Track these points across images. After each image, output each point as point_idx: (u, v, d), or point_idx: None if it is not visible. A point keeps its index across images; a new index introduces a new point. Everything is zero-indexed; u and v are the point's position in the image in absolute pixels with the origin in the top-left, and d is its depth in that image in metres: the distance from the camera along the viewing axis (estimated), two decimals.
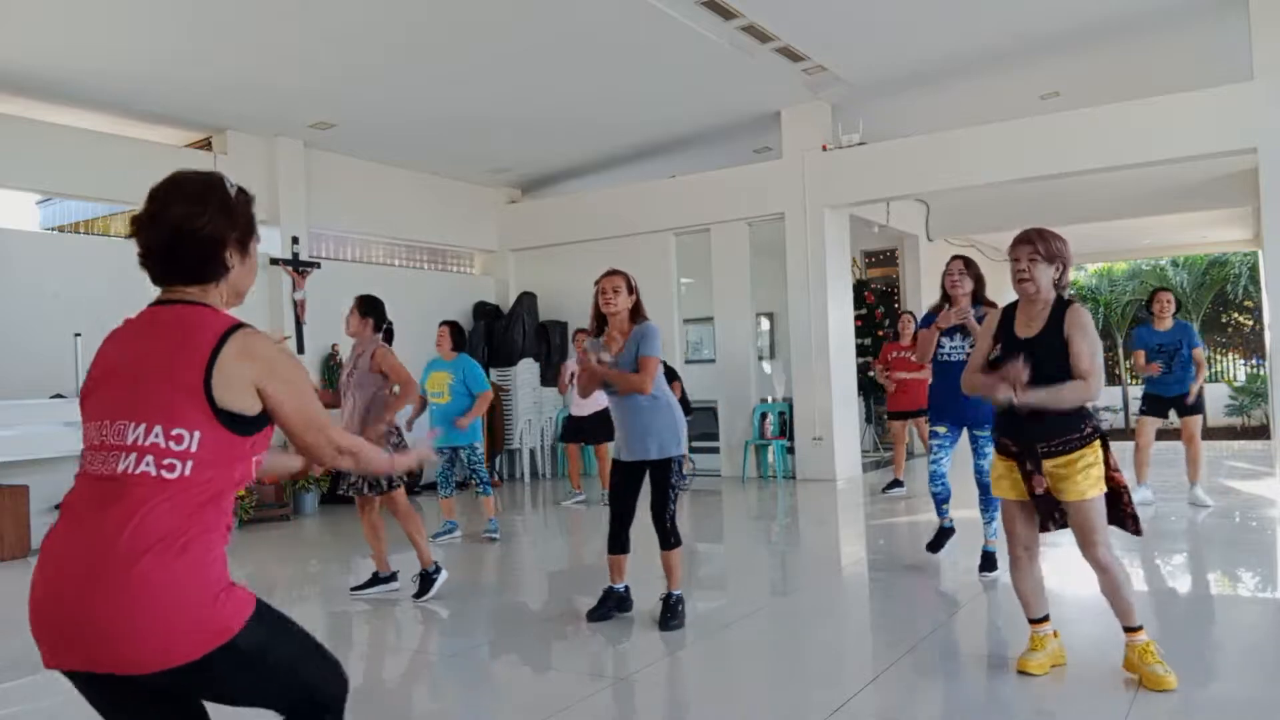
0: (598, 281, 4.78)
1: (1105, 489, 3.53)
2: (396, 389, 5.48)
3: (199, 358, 1.75)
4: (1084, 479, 3.48)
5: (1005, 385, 3.46)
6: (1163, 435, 7.99)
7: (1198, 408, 7.47)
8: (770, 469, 10.85)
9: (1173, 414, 7.61)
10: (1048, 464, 3.52)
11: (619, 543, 4.79)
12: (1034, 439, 3.52)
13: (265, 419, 1.84)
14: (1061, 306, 3.57)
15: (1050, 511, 3.60)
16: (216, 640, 1.72)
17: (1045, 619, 3.75)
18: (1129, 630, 3.60)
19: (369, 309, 5.59)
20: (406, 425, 6.94)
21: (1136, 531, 3.64)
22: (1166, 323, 7.45)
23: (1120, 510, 3.59)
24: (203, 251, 1.84)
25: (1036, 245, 3.54)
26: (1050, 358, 3.48)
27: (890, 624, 4.94)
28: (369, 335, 5.57)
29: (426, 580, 5.56)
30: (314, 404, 1.89)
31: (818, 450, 10.42)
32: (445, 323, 7.61)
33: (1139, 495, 7.40)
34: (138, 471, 1.71)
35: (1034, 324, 3.57)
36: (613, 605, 4.85)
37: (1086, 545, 3.54)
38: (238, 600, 1.78)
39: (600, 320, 4.80)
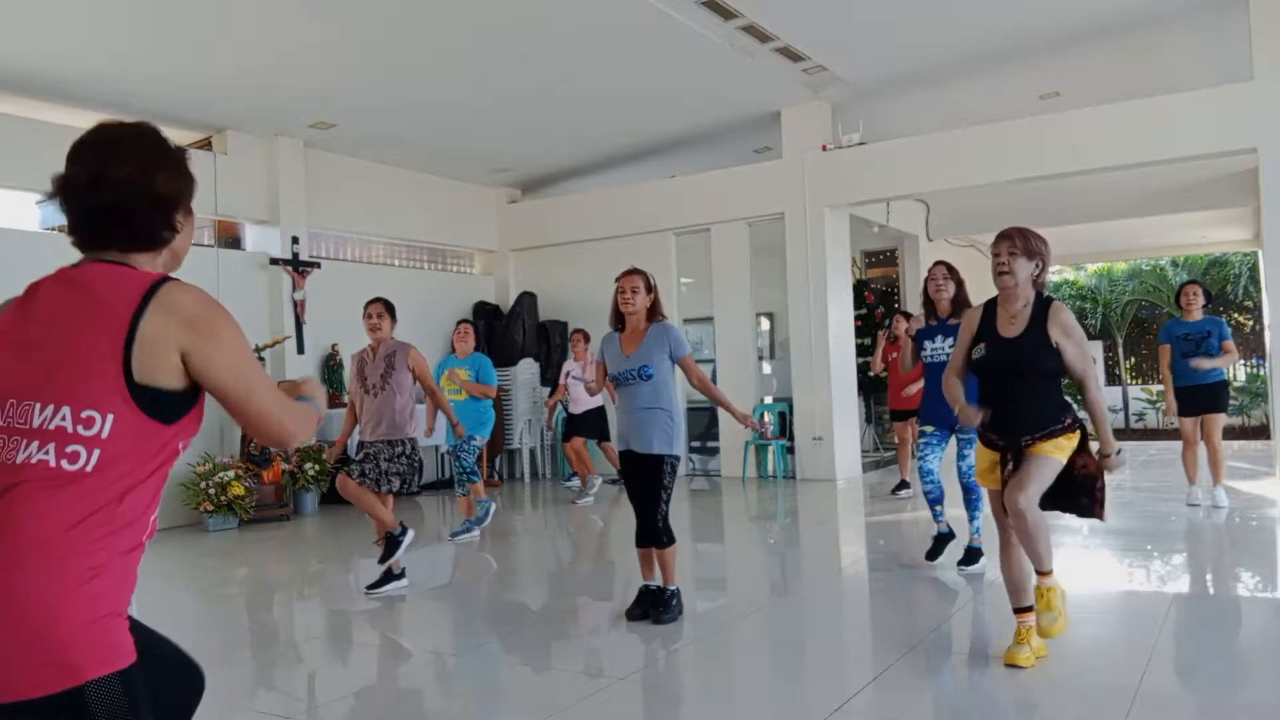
0: (617, 280, 4.81)
1: (1064, 459, 3.66)
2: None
3: (118, 322, 1.47)
4: (1050, 446, 3.64)
5: (975, 415, 3.72)
6: (1170, 435, 7.98)
7: (1220, 406, 7.37)
8: (770, 469, 10.85)
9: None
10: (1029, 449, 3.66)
11: (644, 536, 4.77)
12: (1019, 432, 3.66)
13: (192, 399, 1.54)
14: (1042, 305, 3.72)
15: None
16: (61, 680, 1.38)
17: (1030, 609, 3.81)
18: (1040, 573, 3.74)
19: (393, 311, 5.82)
20: (426, 431, 6.97)
21: (1101, 517, 3.78)
22: (1195, 315, 7.36)
23: (1091, 495, 3.71)
24: (157, 215, 1.59)
25: (1015, 241, 3.73)
26: (1036, 355, 3.65)
27: (890, 624, 4.94)
28: (390, 336, 5.78)
29: (393, 543, 5.56)
30: (256, 371, 1.59)
31: (818, 450, 10.42)
32: (468, 321, 7.83)
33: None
34: (35, 460, 1.43)
35: (1017, 322, 3.72)
36: (649, 602, 4.79)
37: (1015, 488, 3.64)
38: (113, 639, 1.44)
39: (619, 317, 4.82)
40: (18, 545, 1.40)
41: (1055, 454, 3.62)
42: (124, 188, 1.55)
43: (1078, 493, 3.70)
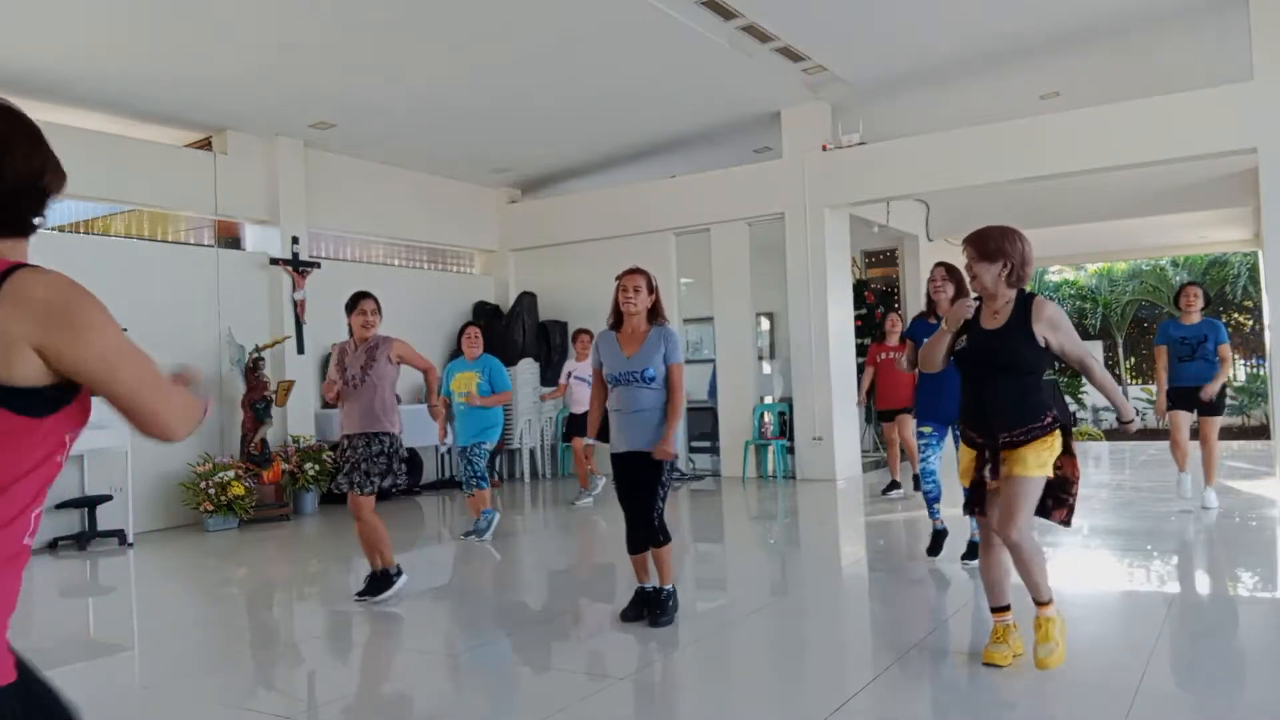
0: (619, 278, 4.76)
1: (1050, 475, 3.64)
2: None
3: None
4: (1033, 459, 3.60)
5: (963, 305, 3.73)
6: (1166, 435, 7.96)
7: (1217, 409, 7.33)
8: (770, 469, 10.85)
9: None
10: (1008, 453, 3.65)
11: (637, 541, 4.73)
12: (997, 428, 3.66)
13: (70, 391, 1.40)
14: (1023, 300, 3.74)
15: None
16: None
17: (1006, 608, 3.84)
18: (1039, 604, 3.73)
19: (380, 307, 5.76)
20: (439, 437, 6.95)
21: (1065, 523, 3.75)
22: (1193, 317, 7.33)
23: (1060, 498, 3.69)
24: (39, 205, 1.47)
25: (974, 246, 3.76)
26: (1016, 348, 3.67)
27: (890, 624, 4.94)
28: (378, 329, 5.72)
29: (386, 580, 5.51)
30: (127, 357, 1.44)
31: (818, 450, 10.42)
32: (474, 324, 7.77)
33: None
34: None
35: (999, 317, 3.75)
36: (644, 605, 4.77)
37: (1005, 521, 3.63)
38: None
39: (619, 316, 4.78)
40: None
41: (1037, 473, 3.60)
42: (16, 181, 1.43)
43: (1045, 494, 3.68)
